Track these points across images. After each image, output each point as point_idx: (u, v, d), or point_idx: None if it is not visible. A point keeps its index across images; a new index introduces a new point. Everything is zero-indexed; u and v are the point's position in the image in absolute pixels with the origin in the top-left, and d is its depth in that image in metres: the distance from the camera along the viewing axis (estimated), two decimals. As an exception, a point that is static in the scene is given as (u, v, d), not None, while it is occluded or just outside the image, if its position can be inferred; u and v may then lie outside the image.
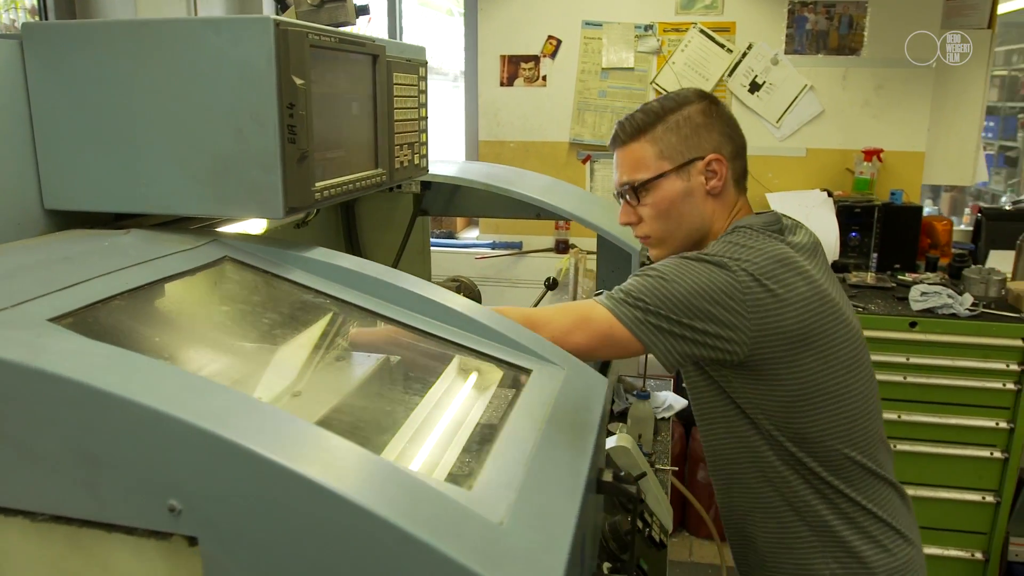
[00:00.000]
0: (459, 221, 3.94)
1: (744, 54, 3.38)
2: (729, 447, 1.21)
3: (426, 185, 2.01)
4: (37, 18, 2.26)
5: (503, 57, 3.59)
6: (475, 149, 3.74)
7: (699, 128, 1.20)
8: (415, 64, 1.25)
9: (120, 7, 2.13)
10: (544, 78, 3.59)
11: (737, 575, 1.34)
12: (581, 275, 3.44)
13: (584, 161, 3.66)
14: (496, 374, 0.86)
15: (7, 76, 0.91)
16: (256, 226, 1.33)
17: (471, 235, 3.90)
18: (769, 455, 1.16)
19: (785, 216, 1.24)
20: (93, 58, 0.89)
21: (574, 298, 3.21)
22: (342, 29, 1.00)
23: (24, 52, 0.91)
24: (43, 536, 0.61)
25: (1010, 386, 2.49)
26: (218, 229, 1.06)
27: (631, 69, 3.51)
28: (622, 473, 0.83)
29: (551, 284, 2.38)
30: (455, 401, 0.84)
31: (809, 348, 1.09)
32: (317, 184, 0.93)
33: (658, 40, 3.45)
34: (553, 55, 3.55)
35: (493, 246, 3.74)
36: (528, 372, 0.87)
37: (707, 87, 3.44)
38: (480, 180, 1.84)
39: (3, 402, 0.55)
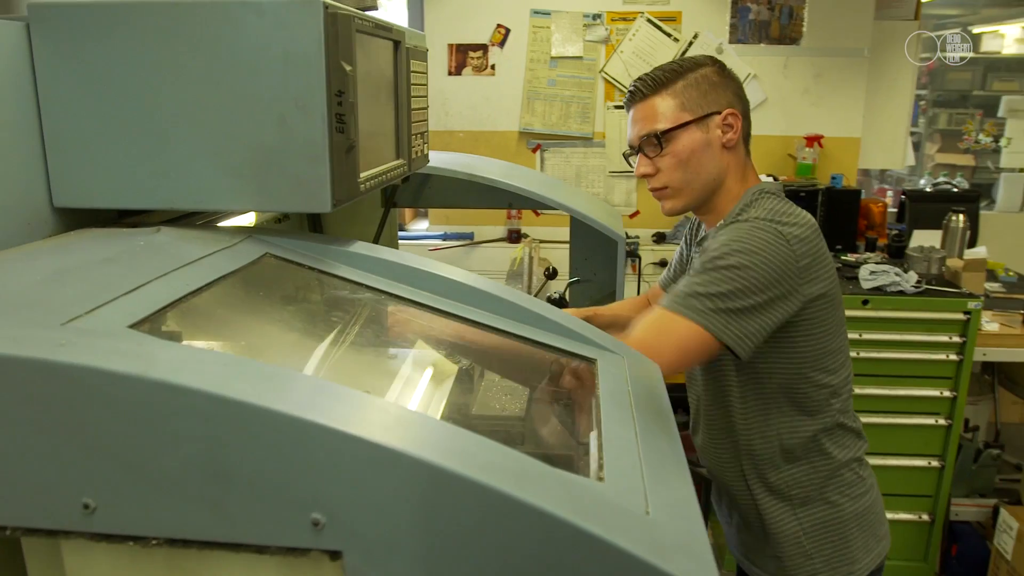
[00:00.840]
0: (407, 212, 3.88)
1: (690, 43, 3.45)
2: (740, 412, 1.29)
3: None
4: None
5: (451, 46, 3.54)
6: (424, 139, 3.68)
7: (716, 85, 1.27)
8: (423, 51, 1.22)
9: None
10: (493, 67, 3.56)
11: (738, 545, 1.40)
12: (536, 264, 3.44)
13: (534, 150, 3.66)
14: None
15: (11, 63, 0.82)
16: (246, 219, 1.27)
17: (420, 226, 3.84)
18: (787, 408, 1.27)
19: None
20: (114, 42, 0.82)
21: (528, 288, 3.20)
22: (368, 13, 0.96)
23: (31, 36, 0.83)
24: (136, 562, 0.56)
25: (952, 357, 2.64)
26: (220, 224, 1.00)
27: (580, 58, 3.53)
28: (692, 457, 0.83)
29: (551, 273, 2.37)
30: (544, 394, 0.83)
31: (833, 306, 1.23)
32: (361, 175, 0.89)
33: (606, 29, 3.48)
34: (502, 44, 3.53)
35: (444, 237, 3.70)
36: (594, 361, 0.86)
37: (654, 76, 3.49)
38: (463, 171, 1.81)
39: (115, 419, 0.50)
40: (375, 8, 1.04)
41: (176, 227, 0.87)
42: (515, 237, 3.68)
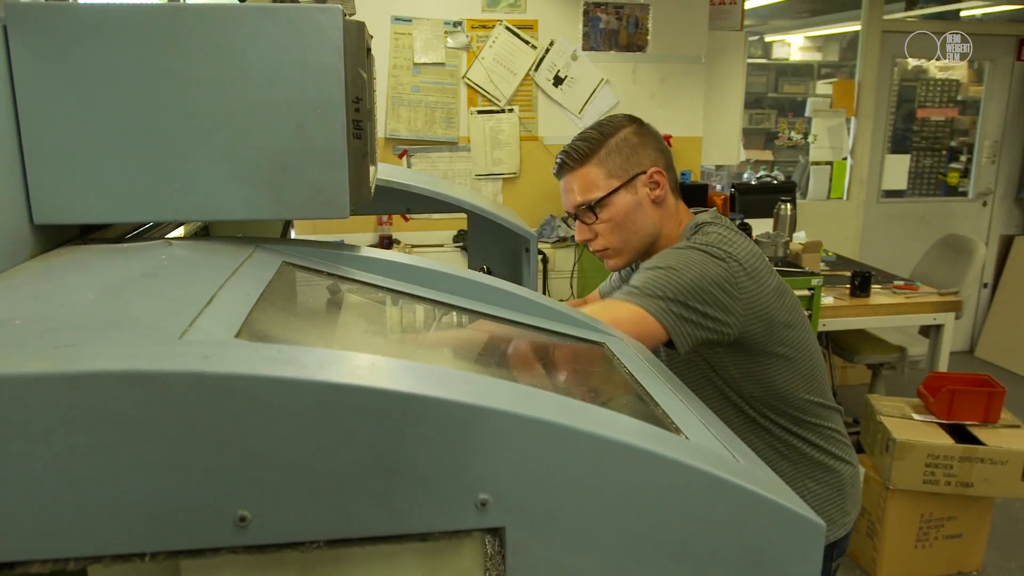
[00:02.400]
0: (271, 224, 3.74)
1: (547, 50, 3.62)
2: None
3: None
4: None
5: (310, 51, 3.46)
6: (287, 148, 3.57)
7: (636, 147, 1.36)
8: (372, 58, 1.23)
9: None
10: (355, 73, 3.52)
11: None
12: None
13: (401, 156, 3.67)
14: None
15: (-19, 68, 0.76)
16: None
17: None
18: (751, 414, 1.34)
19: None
20: (109, 48, 0.77)
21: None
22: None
23: (8, 38, 0.77)
24: (264, 569, 0.56)
25: (801, 329, 2.99)
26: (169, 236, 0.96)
27: (442, 64, 3.58)
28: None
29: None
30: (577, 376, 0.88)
31: (783, 326, 1.28)
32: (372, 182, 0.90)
33: (467, 36, 3.56)
34: (364, 50, 3.50)
35: (315, 247, 3.60)
36: (602, 344, 0.93)
37: (515, 81, 3.63)
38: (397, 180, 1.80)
39: (280, 427, 0.50)
40: (352, 15, 1.04)
41: (187, 240, 0.83)
42: (387, 243, 3.67)
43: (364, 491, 0.52)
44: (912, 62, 5.04)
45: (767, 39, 6.57)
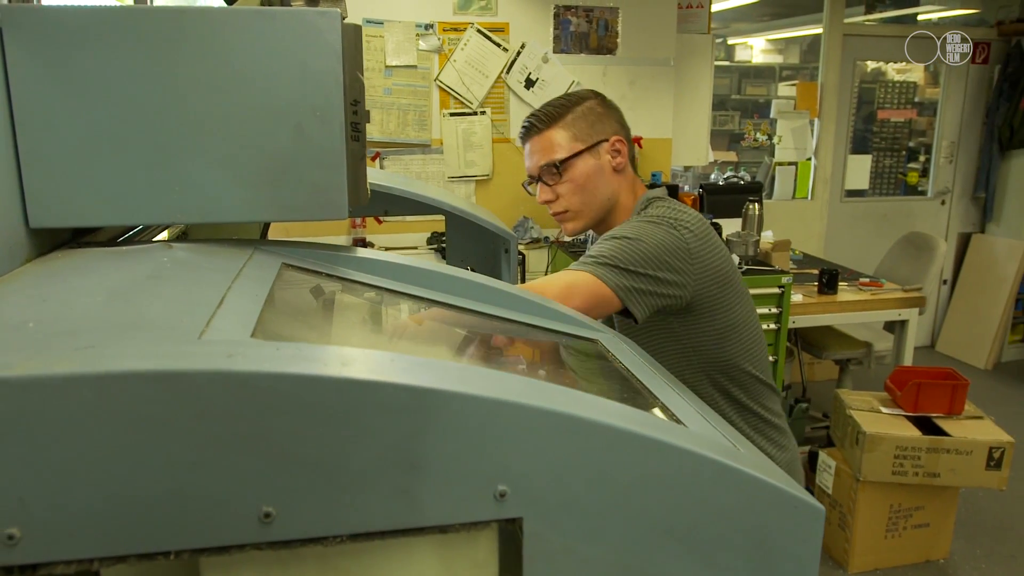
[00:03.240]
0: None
1: (518, 53, 3.64)
2: None
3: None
4: None
5: (281, 54, 3.44)
6: (258, 151, 3.54)
7: (601, 116, 1.44)
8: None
9: None
10: (327, 76, 3.51)
11: None
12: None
13: (373, 158, 3.66)
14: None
15: (-24, 70, 0.75)
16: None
17: (259, 242, 3.68)
18: (703, 383, 1.40)
19: None
20: (107, 51, 0.77)
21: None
22: (338, 23, 0.97)
23: (3, 40, 0.76)
24: (284, 565, 0.57)
25: (772, 326, 3.05)
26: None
27: (414, 67, 3.58)
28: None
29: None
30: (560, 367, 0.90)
31: (730, 287, 1.36)
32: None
33: (439, 39, 3.57)
34: (335, 52, 3.49)
35: (288, 251, 3.58)
36: (596, 341, 0.95)
37: (487, 84, 3.64)
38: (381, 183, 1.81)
39: (306, 424, 0.51)
40: (346, 17, 1.05)
41: (188, 243, 0.83)
42: (361, 245, 3.65)
43: (386, 485, 0.53)
44: (871, 64, 5.17)
45: (730, 42, 6.69)
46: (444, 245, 2.91)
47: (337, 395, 0.51)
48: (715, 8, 4.10)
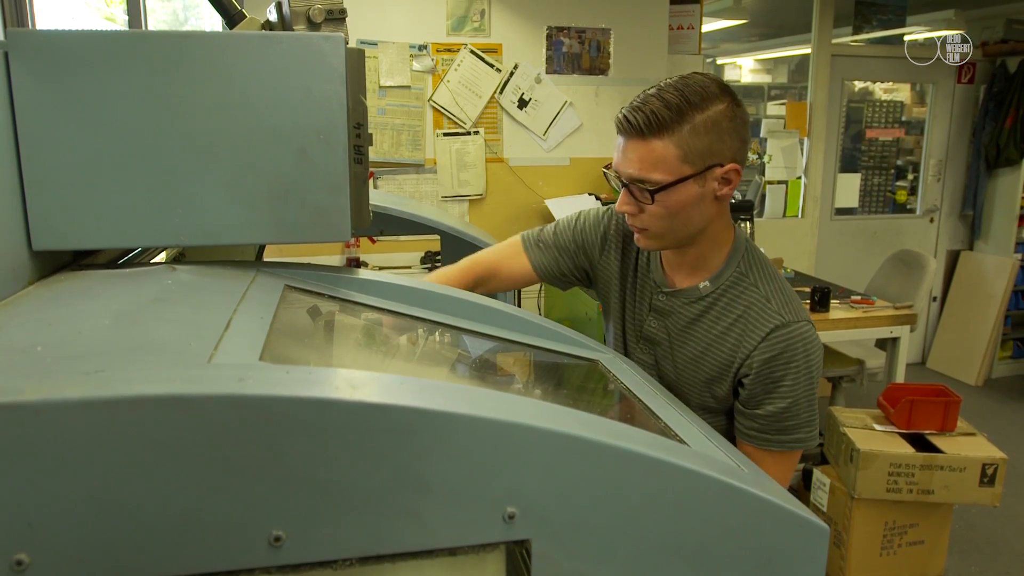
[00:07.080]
0: (235, 248, 3.70)
1: (512, 73, 3.67)
2: None
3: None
4: None
5: (275, 74, 3.45)
6: (252, 170, 3.55)
7: (723, 134, 1.11)
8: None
9: None
10: (321, 96, 3.52)
11: None
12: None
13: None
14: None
15: (-18, 94, 0.75)
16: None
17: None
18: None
19: None
20: (112, 75, 0.78)
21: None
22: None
23: (9, 64, 0.77)
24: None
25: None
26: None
27: (408, 87, 3.61)
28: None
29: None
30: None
31: None
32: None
33: (432, 59, 3.59)
34: (329, 73, 3.51)
35: (281, 271, 3.57)
36: (596, 361, 0.95)
37: (480, 104, 3.67)
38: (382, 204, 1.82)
39: (316, 447, 0.51)
40: (348, 41, 1.06)
41: (191, 265, 0.83)
42: (355, 265, 3.65)
43: (396, 507, 0.53)
44: (858, 84, 5.24)
45: (719, 62, 6.78)
46: (438, 264, 2.93)
47: (348, 418, 0.51)
48: (705, 29, 4.15)
